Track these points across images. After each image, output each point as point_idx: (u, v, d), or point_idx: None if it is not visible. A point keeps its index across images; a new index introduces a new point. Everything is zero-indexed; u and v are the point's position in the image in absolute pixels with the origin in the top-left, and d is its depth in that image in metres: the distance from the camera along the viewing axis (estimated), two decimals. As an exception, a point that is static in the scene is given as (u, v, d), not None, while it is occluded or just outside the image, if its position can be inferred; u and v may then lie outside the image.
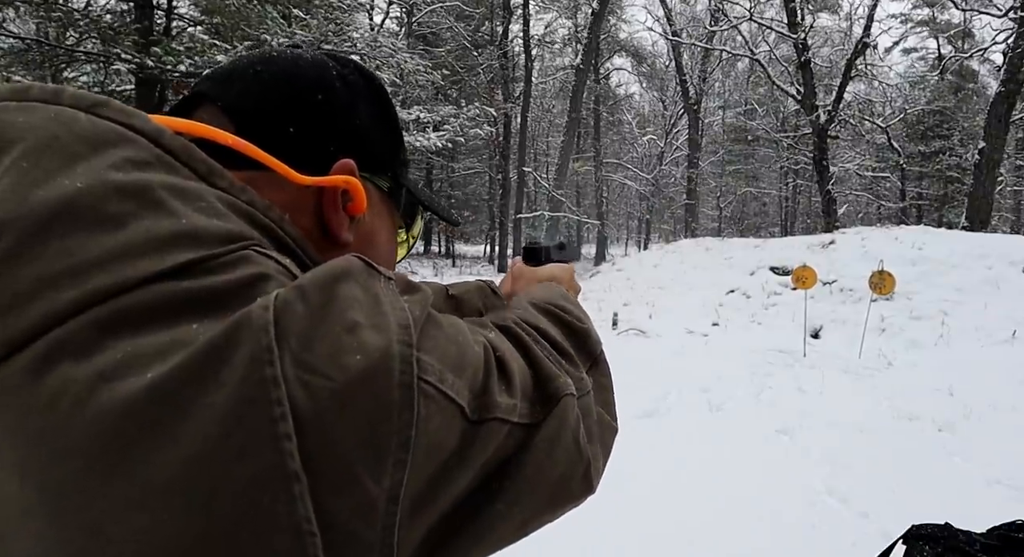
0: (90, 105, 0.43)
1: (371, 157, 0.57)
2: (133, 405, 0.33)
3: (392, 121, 0.60)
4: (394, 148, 0.60)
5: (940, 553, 1.10)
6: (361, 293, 0.41)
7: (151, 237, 0.38)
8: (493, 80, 23.20)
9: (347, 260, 0.43)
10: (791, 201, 32.98)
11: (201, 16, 9.32)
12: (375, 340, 0.38)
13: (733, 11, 20.48)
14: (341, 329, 0.38)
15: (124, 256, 0.36)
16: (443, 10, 20.31)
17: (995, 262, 9.29)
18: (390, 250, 0.60)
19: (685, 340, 8.97)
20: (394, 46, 12.12)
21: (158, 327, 0.35)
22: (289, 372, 0.35)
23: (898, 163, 25.57)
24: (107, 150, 0.40)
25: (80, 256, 0.36)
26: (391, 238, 0.61)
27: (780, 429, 5.07)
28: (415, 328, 0.41)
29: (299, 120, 0.53)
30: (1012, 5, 15.10)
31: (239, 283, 0.38)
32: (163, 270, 0.37)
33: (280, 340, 0.35)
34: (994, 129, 14.56)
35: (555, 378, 0.51)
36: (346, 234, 0.55)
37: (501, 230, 22.83)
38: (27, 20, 9.42)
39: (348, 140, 0.55)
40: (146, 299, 0.36)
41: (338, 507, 0.35)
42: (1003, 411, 5.38)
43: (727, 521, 3.47)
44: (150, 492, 0.32)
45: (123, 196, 0.39)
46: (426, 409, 0.39)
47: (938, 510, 3.28)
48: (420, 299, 0.45)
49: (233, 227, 0.42)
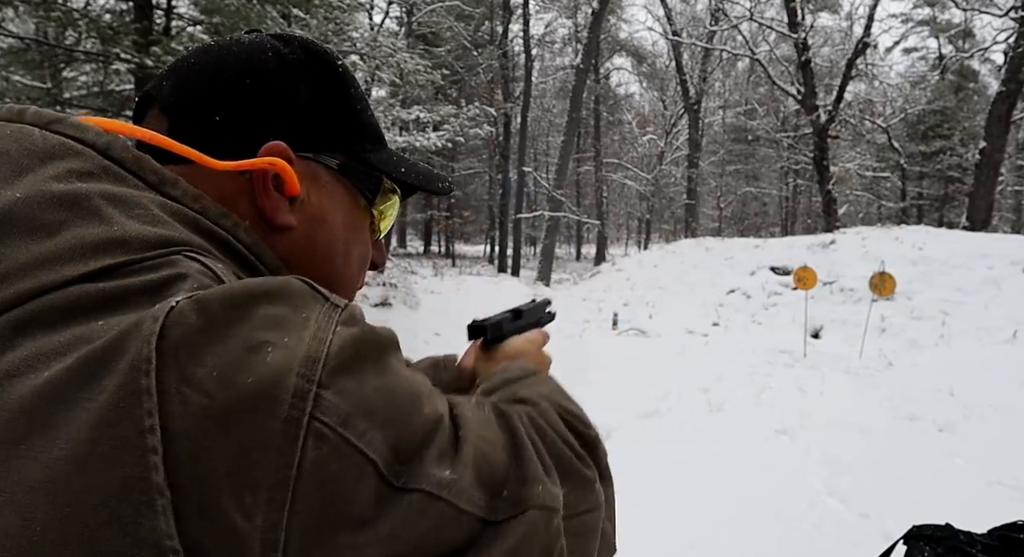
0: (47, 122, 0.46)
1: (315, 136, 0.56)
2: (24, 403, 0.35)
3: (345, 97, 0.58)
4: (350, 123, 0.58)
5: (941, 553, 1.09)
6: (287, 314, 0.39)
7: (79, 243, 0.40)
8: (493, 80, 23.19)
9: (286, 281, 0.42)
10: (791, 201, 32.98)
11: (200, 16, 9.30)
12: (273, 365, 0.36)
13: (733, 11, 20.48)
14: (242, 347, 0.37)
15: (50, 261, 0.39)
16: (443, 10, 20.30)
17: (996, 262, 9.28)
18: (349, 227, 0.58)
19: (685, 340, 8.96)
20: (394, 46, 12.12)
21: (68, 326, 0.37)
22: (170, 384, 0.35)
23: (898, 163, 25.56)
24: (53, 162, 0.43)
25: (7, 263, 0.39)
26: (349, 217, 0.58)
27: (780, 429, 5.06)
28: (328, 363, 0.38)
29: (224, 108, 0.53)
30: (1013, 5, 15.10)
31: (152, 283, 0.39)
32: (85, 273, 0.39)
33: (163, 351, 0.35)
34: (995, 129, 14.55)
35: (535, 483, 0.45)
36: (284, 217, 0.54)
37: (501, 230, 22.82)
38: (26, 20, 9.40)
39: (281, 122, 0.54)
40: (61, 300, 0.38)
41: (202, 532, 0.34)
42: (1003, 411, 5.37)
43: (727, 521, 3.47)
44: (24, 491, 0.33)
45: (58, 205, 0.41)
46: (316, 451, 0.36)
47: (938, 510, 3.27)
48: (360, 336, 0.41)
49: (169, 233, 0.43)
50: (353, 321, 0.42)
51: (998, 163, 15.27)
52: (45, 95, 8.91)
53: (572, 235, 36.42)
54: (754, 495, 3.81)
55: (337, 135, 0.57)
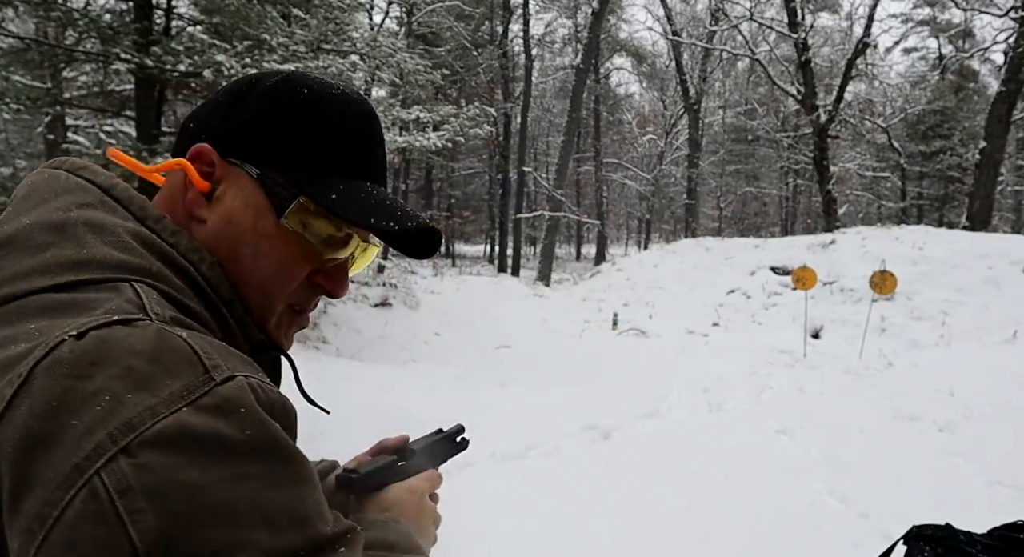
0: (76, 168, 0.58)
1: (247, 147, 0.60)
2: None
3: (301, 123, 0.61)
4: (293, 145, 0.61)
5: (941, 554, 1.09)
6: (150, 374, 0.41)
7: (55, 262, 0.49)
8: (493, 80, 23.18)
9: (166, 341, 0.44)
10: (791, 201, 32.96)
11: (200, 16, 9.31)
12: (94, 417, 0.39)
13: (733, 11, 20.47)
14: (87, 391, 0.40)
15: (31, 274, 0.48)
16: (443, 10, 20.30)
17: (996, 262, 9.28)
18: (259, 235, 0.59)
19: (685, 340, 8.96)
20: (394, 46, 12.12)
21: (20, 323, 0.45)
22: (20, 399, 0.40)
23: (899, 163, 25.55)
24: (63, 196, 0.54)
25: (3, 273, 0.49)
26: (258, 224, 0.59)
27: (780, 429, 5.06)
28: (145, 435, 0.39)
29: (193, 119, 0.64)
30: (1013, 5, 15.10)
31: (87, 300, 0.46)
32: (52, 285, 0.47)
33: (34, 373, 0.41)
34: (995, 129, 14.55)
35: None
36: (199, 211, 0.60)
37: (501, 230, 22.81)
38: (26, 19, 9.40)
39: (219, 129, 0.61)
40: (27, 303, 0.47)
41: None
42: (1003, 411, 5.37)
43: (727, 521, 3.46)
44: None
45: (50, 230, 0.51)
46: (83, 505, 0.37)
47: (938, 510, 3.27)
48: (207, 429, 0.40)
49: (129, 259, 0.51)
50: (216, 410, 0.41)
51: (998, 163, 15.27)
52: (45, 95, 8.90)
53: (572, 235, 36.40)
54: (754, 495, 3.80)
55: (272, 151, 0.60)
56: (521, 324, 9.30)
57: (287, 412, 0.48)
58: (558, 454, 4.36)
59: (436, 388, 5.78)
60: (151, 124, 8.59)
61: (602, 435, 4.85)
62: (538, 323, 9.67)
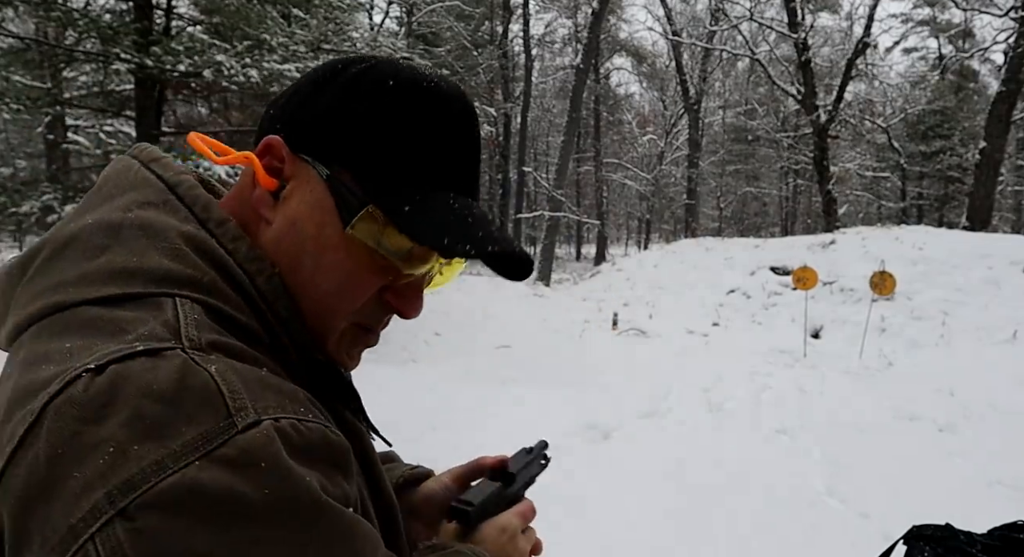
0: (149, 159, 0.56)
1: (320, 142, 0.54)
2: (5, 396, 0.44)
3: (385, 123, 0.54)
4: (371, 146, 0.54)
5: (941, 554, 1.09)
6: (162, 420, 0.38)
7: (106, 269, 0.47)
8: (493, 80, 23.18)
9: (185, 381, 0.40)
10: (791, 201, 32.95)
11: (200, 16, 9.30)
12: (93, 472, 0.37)
13: (733, 11, 20.47)
14: (91, 441, 0.37)
15: (81, 281, 0.47)
16: (443, 10, 20.30)
17: (996, 262, 9.28)
18: (321, 247, 0.53)
19: (685, 340, 8.96)
20: (394, 46, 12.12)
21: (64, 340, 0.44)
22: (30, 440, 0.39)
23: (899, 163, 25.54)
24: (128, 193, 0.53)
25: (57, 277, 0.48)
26: (323, 232, 0.53)
27: (780, 429, 5.06)
28: (147, 495, 0.36)
29: (273, 104, 0.59)
30: (1013, 5, 15.10)
31: (124, 319, 0.44)
32: (96, 298, 0.46)
33: (45, 412, 0.39)
34: (995, 129, 14.54)
35: None
36: (265, 211, 0.55)
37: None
38: (26, 19, 9.40)
39: (292, 122, 0.55)
40: (67, 317, 0.46)
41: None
42: (1003, 411, 5.37)
43: (727, 521, 3.46)
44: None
45: (106, 232, 0.49)
46: None
47: (938, 510, 3.27)
48: (219, 485, 0.37)
49: (179, 269, 0.48)
50: (232, 464, 0.38)
51: (998, 163, 15.26)
52: (45, 95, 8.90)
53: (572, 235, 36.39)
54: (754, 495, 3.80)
55: (345, 150, 0.53)
56: (521, 324, 9.29)
57: (332, 449, 0.44)
58: (557, 454, 4.35)
59: (437, 388, 5.78)
60: (151, 124, 8.59)
61: (602, 435, 4.85)
62: (538, 323, 9.66)
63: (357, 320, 0.57)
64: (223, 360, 0.43)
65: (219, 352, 0.44)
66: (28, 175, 15.41)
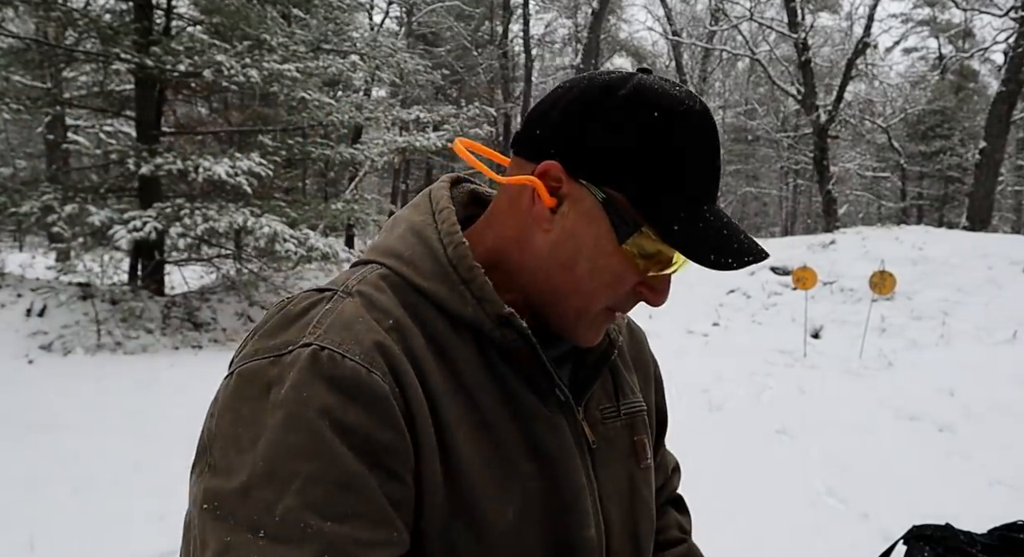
0: (450, 183, 0.76)
1: (594, 167, 0.62)
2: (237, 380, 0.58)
3: (648, 145, 0.61)
4: (638, 168, 0.61)
5: (941, 554, 1.09)
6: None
7: (380, 246, 0.69)
8: (493, 80, 23.18)
9: (307, 305, 0.61)
10: (791, 201, 32.97)
11: (200, 16, 9.29)
12: None
13: (733, 11, 20.46)
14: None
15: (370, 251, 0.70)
16: (443, 10, 20.31)
17: (996, 262, 9.28)
18: (597, 252, 0.63)
19: (685, 340, 8.96)
20: (394, 46, 12.11)
21: None
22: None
23: (899, 163, 25.54)
24: (412, 218, 0.69)
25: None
26: (598, 243, 0.63)
27: (780, 429, 5.06)
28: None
29: (539, 124, 0.65)
30: (1013, 5, 15.09)
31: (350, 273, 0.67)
32: (362, 260, 0.69)
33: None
34: (995, 129, 14.54)
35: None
36: (545, 224, 0.64)
37: (501, 230, 22.79)
38: (26, 20, 9.41)
39: (567, 148, 0.63)
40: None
41: None
42: (1003, 411, 5.36)
43: (727, 521, 3.46)
44: None
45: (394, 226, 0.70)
46: None
47: (938, 510, 3.27)
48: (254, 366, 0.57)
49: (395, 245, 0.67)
50: (287, 365, 0.55)
51: (998, 163, 15.26)
52: (45, 95, 8.90)
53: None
54: (754, 495, 3.80)
55: (618, 175, 0.62)
56: (521, 324, 9.29)
57: (360, 387, 0.55)
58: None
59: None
60: (151, 124, 8.59)
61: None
62: (538, 323, 9.67)
63: (611, 305, 0.67)
64: (347, 302, 0.60)
65: (359, 298, 0.61)
66: (28, 175, 15.38)
